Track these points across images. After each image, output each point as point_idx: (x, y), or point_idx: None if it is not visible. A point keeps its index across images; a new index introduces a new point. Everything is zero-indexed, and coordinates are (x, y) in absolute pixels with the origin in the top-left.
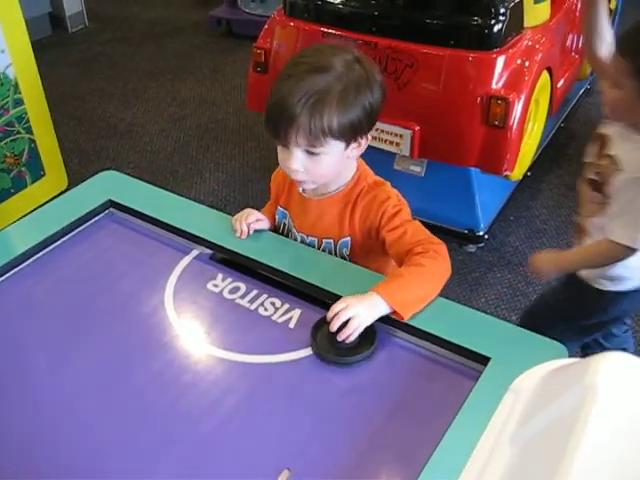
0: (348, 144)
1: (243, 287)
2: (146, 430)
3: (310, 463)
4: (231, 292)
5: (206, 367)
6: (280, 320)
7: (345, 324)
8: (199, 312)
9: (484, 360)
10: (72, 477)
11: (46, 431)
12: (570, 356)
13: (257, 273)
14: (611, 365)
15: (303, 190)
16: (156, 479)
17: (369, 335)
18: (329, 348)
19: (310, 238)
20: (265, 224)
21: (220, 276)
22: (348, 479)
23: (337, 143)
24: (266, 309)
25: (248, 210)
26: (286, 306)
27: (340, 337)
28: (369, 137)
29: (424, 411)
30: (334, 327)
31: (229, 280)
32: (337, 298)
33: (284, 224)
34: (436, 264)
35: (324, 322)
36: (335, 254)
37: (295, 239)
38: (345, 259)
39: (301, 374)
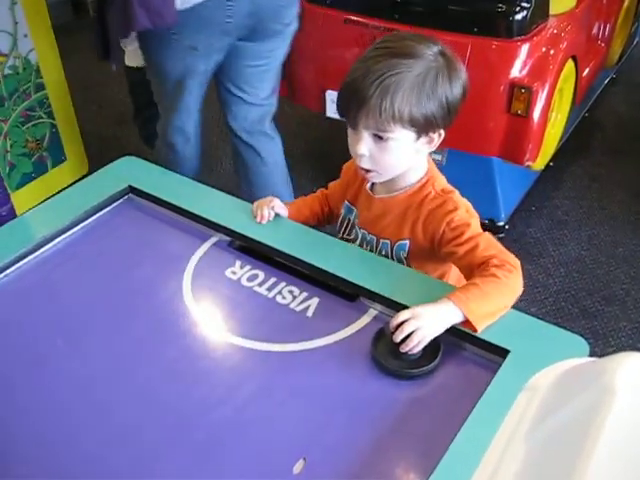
0: (419, 136)
1: (261, 275)
2: (161, 416)
3: (326, 453)
4: (249, 279)
5: (223, 354)
6: (298, 309)
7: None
8: (217, 299)
9: (503, 353)
10: (85, 461)
11: (62, 413)
12: None
13: (275, 261)
14: (629, 365)
15: (371, 187)
16: (170, 466)
17: (433, 348)
18: (390, 358)
19: (370, 236)
20: (285, 212)
21: (238, 263)
22: (364, 469)
23: (407, 132)
24: (284, 297)
25: (270, 197)
26: (304, 294)
27: (402, 349)
28: (442, 134)
29: (442, 403)
30: (397, 339)
31: (247, 267)
32: (357, 288)
33: (348, 219)
34: (512, 277)
35: (386, 330)
36: (392, 257)
37: (357, 236)
38: (402, 262)
39: (318, 363)
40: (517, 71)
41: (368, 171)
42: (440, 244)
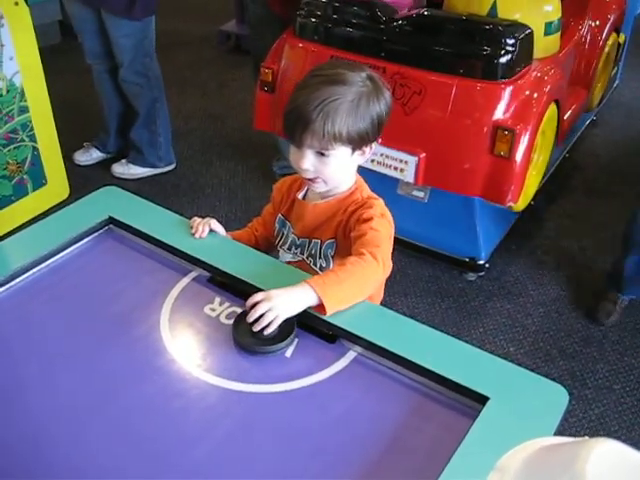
0: (354, 151)
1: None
2: (135, 456)
3: None
4: (228, 317)
5: (199, 393)
6: None
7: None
8: (195, 336)
9: (482, 399)
10: None
11: (31, 450)
12: None
13: None
14: (602, 454)
15: (303, 196)
16: None
17: (288, 327)
18: (246, 337)
19: (301, 239)
20: (222, 231)
21: (217, 300)
22: None
23: (345, 148)
24: None
25: (209, 218)
26: None
27: (255, 328)
28: (373, 147)
29: (419, 449)
30: (250, 318)
31: (226, 304)
32: (336, 329)
33: (283, 233)
34: (366, 267)
35: (245, 314)
36: (320, 255)
37: (289, 245)
38: (329, 260)
39: (296, 404)
40: (501, 113)
41: (313, 180)
42: (349, 236)
